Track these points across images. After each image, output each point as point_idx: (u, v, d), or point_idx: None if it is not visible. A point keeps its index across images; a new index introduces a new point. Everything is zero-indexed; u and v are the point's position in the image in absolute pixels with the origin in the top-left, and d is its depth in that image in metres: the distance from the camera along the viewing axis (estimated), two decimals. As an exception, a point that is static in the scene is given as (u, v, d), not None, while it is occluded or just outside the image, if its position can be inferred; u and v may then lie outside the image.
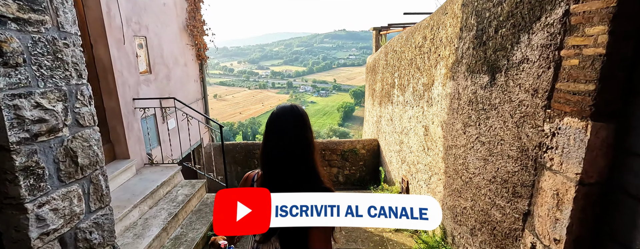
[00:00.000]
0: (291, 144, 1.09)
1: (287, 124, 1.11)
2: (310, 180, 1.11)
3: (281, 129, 1.11)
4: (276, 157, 1.10)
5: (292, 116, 1.12)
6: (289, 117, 1.12)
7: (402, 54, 4.41)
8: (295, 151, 1.09)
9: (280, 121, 1.12)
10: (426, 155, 3.60)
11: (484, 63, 2.21)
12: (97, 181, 1.75)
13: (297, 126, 1.11)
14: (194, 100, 5.47)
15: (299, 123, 1.12)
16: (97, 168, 1.75)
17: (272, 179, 1.11)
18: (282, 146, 1.09)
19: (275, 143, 1.11)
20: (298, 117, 1.13)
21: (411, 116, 4.12)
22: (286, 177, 1.09)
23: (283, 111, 1.14)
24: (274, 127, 1.13)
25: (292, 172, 1.09)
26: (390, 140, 5.23)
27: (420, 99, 3.74)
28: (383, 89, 5.59)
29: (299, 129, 1.11)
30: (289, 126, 1.11)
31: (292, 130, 1.10)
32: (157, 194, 3.27)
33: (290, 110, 1.14)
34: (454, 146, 2.79)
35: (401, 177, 4.63)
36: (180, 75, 4.91)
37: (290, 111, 1.13)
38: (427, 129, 3.55)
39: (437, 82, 3.18)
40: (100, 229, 1.81)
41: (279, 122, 1.12)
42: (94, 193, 1.73)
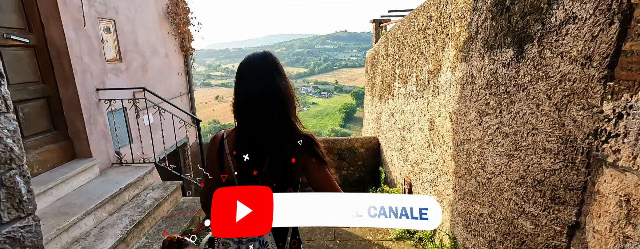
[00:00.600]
0: (264, 94, 1.01)
1: (259, 72, 1.03)
2: (287, 132, 1.04)
3: (252, 78, 1.03)
4: (249, 109, 1.02)
5: (264, 63, 1.04)
6: (260, 65, 1.04)
7: (403, 41, 3.95)
8: (270, 102, 1.01)
9: (251, 69, 1.04)
10: (432, 152, 3.14)
11: (508, 34, 1.76)
12: (12, 184, 1.31)
13: (269, 74, 1.02)
14: (178, 94, 5.03)
15: (271, 70, 1.03)
16: (11, 167, 1.32)
17: (246, 133, 1.04)
18: (255, 97, 1.01)
19: (247, 94, 1.03)
20: (270, 64, 1.04)
21: (414, 109, 3.66)
22: (261, 130, 1.02)
23: (253, 58, 1.06)
24: (245, 76, 1.04)
25: (267, 125, 1.01)
26: (391, 137, 4.77)
27: (424, 89, 3.28)
28: (383, 82, 5.13)
29: (272, 78, 1.02)
30: (260, 75, 1.02)
31: (265, 79, 1.02)
32: (120, 199, 2.82)
33: (261, 57, 1.05)
34: (466, 140, 2.33)
35: (403, 178, 4.17)
36: (160, 66, 4.47)
37: (262, 58, 1.05)
38: (432, 123, 3.09)
39: (445, 67, 2.72)
40: (18, 245, 1.37)
41: (250, 71, 1.04)
42: (6, 199, 1.30)
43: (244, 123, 1.04)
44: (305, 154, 1.03)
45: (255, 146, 1.01)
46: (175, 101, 4.97)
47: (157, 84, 4.33)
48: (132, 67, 3.76)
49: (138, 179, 3.08)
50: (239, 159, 1.01)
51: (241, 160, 1.00)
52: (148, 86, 4.11)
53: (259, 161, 1.00)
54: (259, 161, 1.00)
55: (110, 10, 3.36)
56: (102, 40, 3.25)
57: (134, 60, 3.80)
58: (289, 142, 1.01)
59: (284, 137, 1.02)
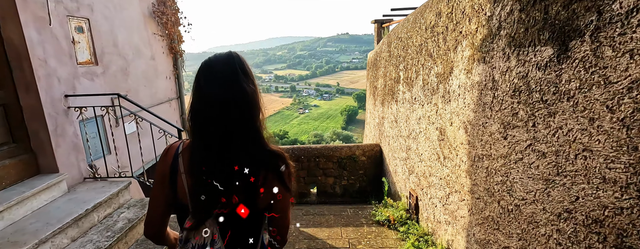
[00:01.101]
0: (226, 98, 0.84)
1: (221, 72, 0.86)
2: (252, 146, 0.88)
3: (213, 78, 0.86)
4: (207, 117, 0.85)
5: (228, 63, 0.88)
6: (223, 65, 0.87)
7: (408, 41, 3.60)
8: (232, 107, 0.84)
9: (211, 69, 0.87)
10: (442, 166, 2.77)
11: (544, 28, 1.40)
12: None
13: (233, 75, 0.86)
14: (166, 99, 4.70)
15: (236, 70, 0.87)
16: None
17: (203, 147, 0.86)
18: (215, 100, 0.84)
19: (205, 97, 0.86)
20: (236, 64, 0.88)
21: (421, 116, 3.30)
22: (221, 143, 0.84)
23: (215, 57, 0.90)
24: (204, 76, 0.87)
25: (228, 136, 0.85)
26: (394, 145, 4.41)
27: (432, 93, 2.93)
28: (386, 85, 4.78)
29: (236, 79, 0.86)
30: (223, 75, 0.86)
31: (228, 79, 0.85)
32: (87, 221, 2.47)
33: (225, 57, 0.90)
34: (486, 156, 1.97)
35: (408, 190, 3.80)
36: (145, 69, 4.14)
37: (225, 58, 0.89)
38: (442, 132, 2.73)
39: (458, 69, 2.36)
40: None
41: (210, 70, 0.87)
42: None
43: (201, 134, 0.88)
44: (270, 175, 0.89)
45: (214, 164, 0.85)
46: (162, 106, 4.64)
47: (140, 89, 4.00)
48: (111, 71, 3.43)
49: (110, 197, 2.73)
50: (195, 180, 0.86)
51: (197, 181, 0.85)
52: (130, 91, 3.78)
53: (218, 182, 0.85)
54: (218, 182, 0.85)
55: (83, 8, 3.04)
56: (73, 41, 2.92)
57: (113, 63, 3.47)
58: (253, 159, 0.87)
59: (249, 151, 0.87)
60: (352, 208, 4.61)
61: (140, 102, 3.98)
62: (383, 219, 3.81)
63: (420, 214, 3.47)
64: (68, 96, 2.80)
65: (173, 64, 4.97)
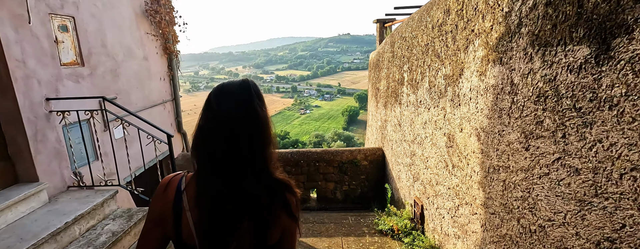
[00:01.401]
0: (239, 119, 0.79)
1: (235, 94, 0.81)
2: (260, 173, 0.81)
3: (225, 100, 0.81)
4: (217, 141, 0.79)
5: (242, 87, 0.83)
6: (237, 88, 0.82)
7: (413, 41, 3.41)
8: (245, 131, 0.79)
9: (224, 92, 0.82)
10: (451, 175, 2.58)
11: (578, 24, 1.20)
12: None
13: (247, 97, 0.81)
14: (160, 101, 4.51)
15: (250, 94, 0.82)
16: None
17: (211, 177, 0.79)
18: (227, 122, 0.78)
19: (215, 119, 0.80)
20: (251, 88, 0.83)
21: (427, 121, 3.11)
22: (231, 167, 0.78)
23: (229, 83, 0.85)
24: (216, 98, 0.82)
25: (239, 161, 0.78)
26: (398, 150, 4.21)
27: (440, 97, 2.73)
28: (389, 87, 4.58)
29: (250, 101, 0.81)
30: (236, 97, 0.81)
31: (241, 101, 0.80)
32: (66, 235, 2.29)
33: (239, 82, 0.84)
34: (503, 167, 1.77)
35: (413, 198, 3.60)
36: (137, 70, 3.96)
37: (240, 83, 0.84)
38: (451, 139, 2.53)
39: (469, 71, 2.17)
40: None
41: (223, 93, 0.82)
42: None
43: (209, 162, 0.80)
44: (278, 205, 0.84)
45: (228, 197, 0.78)
46: (157, 109, 4.46)
47: (132, 91, 3.81)
48: (99, 72, 3.25)
49: (94, 208, 2.54)
50: (204, 212, 0.79)
51: (207, 213, 0.78)
52: (120, 93, 3.60)
53: (234, 217, 0.79)
54: (234, 217, 0.79)
55: (67, 6, 2.85)
56: (56, 41, 2.73)
57: (102, 63, 3.29)
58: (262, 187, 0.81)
59: (257, 179, 0.81)
60: (354, 215, 4.41)
61: (132, 104, 3.81)
62: (386, 229, 3.61)
63: (426, 224, 3.27)
64: (50, 99, 2.62)
65: (168, 65, 4.79)
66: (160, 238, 0.86)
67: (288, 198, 0.85)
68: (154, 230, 0.85)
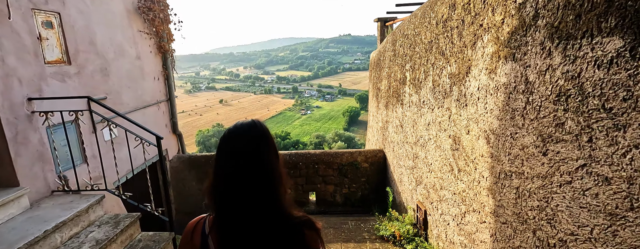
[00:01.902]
0: (249, 173, 0.82)
1: (246, 147, 0.84)
2: (276, 217, 0.84)
3: (238, 154, 0.84)
4: (233, 192, 0.83)
5: (252, 137, 0.85)
6: (247, 138, 0.85)
7: (416, 38, 3.26)
8: (258, 183, 0.82)
9: (236, 144, 0.85)
10: (457, 179, 2.42)
11: (608, 13, 1.05)
12: None
13: (255, 147, 0.84)
14: (154, 102, 4.37)
15: (258, 142, 0.85)
16: None
17: (230, 227, 0.84)
18: (237, 176, 0.82)
19: (226, 172, 0.84)
20: (259, 135, 0.86)
21: (430, 122, 2.96)
22: (247, 219, 0.82)
23: (239, 130, 0.87)
24: (228, 152, 0.85)
25: (254, 211, 0.82)
26: (400, 152, 4.06)
27: (445, 97, 2.58)
28: (390, 87, 4.44)
29: (258, 151, 0.84)
30: (245, 147, 0.84)
31: (251, 152, 0.83)
32: (46, 244, 2.14)
33: (249, 128, 0.87)
34: (515, 173, 1.62)
35: (416, 203, 3.45)
36: (129, 70, 3.82)
37: (250, 130, 0.86)
38: (457, 141, 2.38)
39: (477, 69, 2.02)
40: None
41: (235, 146, 0.85)
42: None
43: (226, 211, 0.85)
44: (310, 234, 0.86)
45: (248, 241, 0.82)
46: (150, 109, 4.32)
47: (123, 91, 3.67)
48: (87, 71, 3.10)
49: (78, 214, 2.40)
50: None
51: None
52: (111, 93, 3.46)
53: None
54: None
55: (52, 1, 2.71)
56: (40, 38, 2.59)
57: (90, 62, 3.15)
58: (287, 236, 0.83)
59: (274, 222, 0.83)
60: (354, 219, 4.26)
61: (123, 105, 3.67)
62: (388, 235, 3.46)
63: (429, 230, 3.12)
64: (32, 99, 2.48)
65: (162, 64, 4.65)
66: None
67: (307, 234, 0.85)
68: None
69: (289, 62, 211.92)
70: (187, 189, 4.96)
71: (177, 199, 4.98)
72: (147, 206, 2.76)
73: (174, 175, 4.90)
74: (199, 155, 5.00)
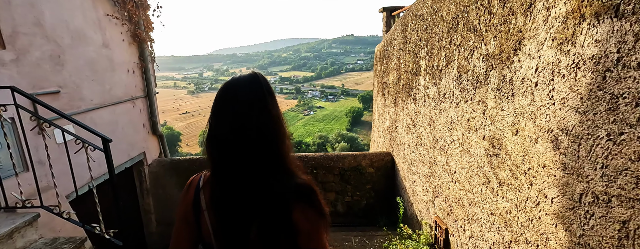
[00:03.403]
0: (251, 122, 0.75)
1: (246, 93, 0.78)
2: (279, 175, 0.78)
3: (236, 100, 0.77)
4: (229, 144, 0.76)
5: (253, 84, 0.79)
6: (247, 86, 0.79)
7: (434, 16, 2.65)
8: (258, 133, 0.76)
9: (234, 93, 0.78)
10: (496, 195, 1.81)
11: None
12: None
13: (259, 96, 0.78)
14: (127, 97, 3.80)
15: (262, 92, 0.78)
16: None
17: (224, 179, 0.78)
18: (239, 125, 0.75)
19: (227, 121, 0.77)
20: (262, 85, 0.79)
21: (454, 119, 2.35)
22: (245, 174, 0.76)
23: (239, 78, 0.81)
24: (226, 98, 0.79)
25: (254, 166, 0.76)
26: (412, 156, 3.45)
27: (476, 86, 1.97)
28: (400, 80, 3.83)
29: (263, 101, 0.78)
30: (248, 97, 0.77)
31: (254, 101, 0.77)
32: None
33: (249, 78, 0.80)
34: (619, 198, 1.01)
35: (433, 218, 2.84)
36: (93, 59, 3.25)
37: (250, 79, 0.80)
38: (496, 144, 1.77)
39: (535, 42, 1.41)
40: None
41: (234, 92, 0.78)
42: None
43: (222, 165, 0.79)
44: (300, 207, 0.77)
45: (239, 199, 0.77)
46: (122, 107, 3.74)
47: (84, 84, 3.10)
48: (31, 58, 2.53)
49: None
50: (219, 218, 0.79)
51: (222, 220, 0.78)
52: (67, 86, 2.89)
53: (245, 220, 0.76)
54: (245, 220, 0.76)
55: (-25, -33, 2.15)
56: (-45, 12, 2.02)
57: (35, 47, 2.58)
58: (284, 191, 0.76)
59: (277, 184, 0.76)
60: (358, 234, 3.65)
61: (84, 100, 3.10)
62: (399, 257, 2.85)
63: (452, 255, 2.51)
64: (-60, 90, 1.91)
65: (139, 55, 4.07)
66: (189, 237, 0.85)
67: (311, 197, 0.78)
68: (183, 230, 0.85)
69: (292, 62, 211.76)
70: (169, 197, 4.38)
71: (157, 208, 4.41)
72: (96, 227, 2.17)
73: (154, 181, 4.32)
74: (183, 159, 4.42)
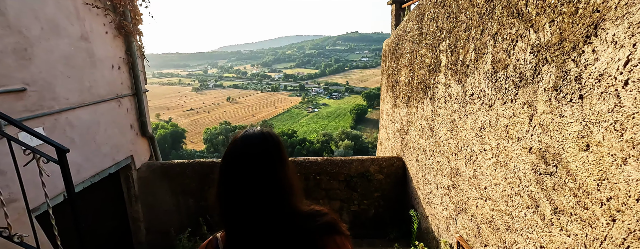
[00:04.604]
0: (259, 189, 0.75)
1: (257, 162, 0.76)
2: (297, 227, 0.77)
3: (248, 169, 0.75)
4: (244, 211, 0.76)
5: (263, 150, 0.77)
6: (258, 152, 0.77)
7: (461, 2, 2.24)
8: (271, 200, 0.76)
9: (246, 158, 0.76)
10: (547, 225, 1.41)
11: None
12: None
13: (268, 164, 0.76)
14: (111, 96, 3.44)
15: (271, 158, 0.77)
16: None
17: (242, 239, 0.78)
18: (246, 193, 0.75)
19: (240, 191, 0.76)
20: (271, 152, 0.78)
21: (485, 124, 1.95)
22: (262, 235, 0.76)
23: (249, 141, 0.78)
24: (237, 167, 0.76)
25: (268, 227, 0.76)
26: (428, 163, 3.06)
27: (519, 85, 1.57)
28: (413, 77, 3.42)
29: (271, 168, 0.76)
30: (259, 168, 0.75)
31: (262, 170, 0.76)
32: None
33: (259, 139, 0.79)
34: None
35: (455, 238, 2.45)
36: (69, 54, 2.89)
37: (260, 141, 0.78)
38: (549, 160, 1.38)
39: (625, 24, 1.00)
40: None
41: (245, 160, 0.76)
42: None
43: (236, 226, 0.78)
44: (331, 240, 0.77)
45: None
46: (106, 106, 3.39)
47: (58, 81, 2.74)
48: (-12, 51, 2.18)
49: None
50: None
51: None
52: (36, 83, 2.54)
53: None
54: None
55: None
56: None
57: (-5, 38, 2.22)
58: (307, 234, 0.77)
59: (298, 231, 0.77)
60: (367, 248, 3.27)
61: (58, 100, 2.74)
62: (415, 283, 2.47)
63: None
64: None
65: (126, 50, 3.71)
66: None
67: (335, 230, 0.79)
68: None
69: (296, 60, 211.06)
70: (160, 204, 4.04)
71: (147, 216, 4.07)
72: None
73: (143, 187, 3.98)
74: (174, 162, 4.06)
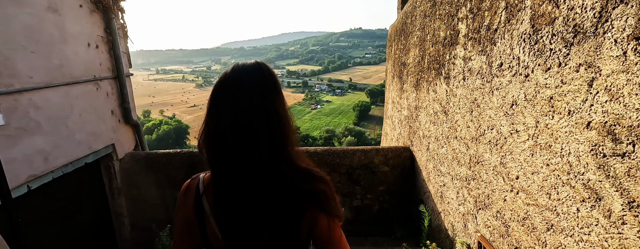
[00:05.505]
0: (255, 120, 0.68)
1: (253, 91, 0.69)
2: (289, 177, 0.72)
3: (239, 95, 0.69)
4: (230, 144, 0.69)
5: (257, 76, 0.71)
6: (254, 82, 0.70)
7: (486, -47, 1.85)
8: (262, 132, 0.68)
9: (238, 84, 0.70)
10: (613, 225, 1.04)
11: None
12: None
13: (265, 91, 0.70)
14: (87, 78, 3.09)
15: (267, 85, 0.71)
16: None
17: (227, 184, 0.72)
18: (242, 124, 0.68)
19: (229, 119, 0.68)
20: (266, 78, 0.72)
21: (519, 100, 1.57)
22: (251, 178, 0.70)
23: (243, 70, 0.72)
24: (227, 93, 0.70)
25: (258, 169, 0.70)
26: (440, 152, 2.68)
27: (572, 43, 1.19)
28: (424, 55, 3.04)
29: (268, 96, 0.70)
30: (252, 91, 0.69)
31: (259, 97, 0.69)
32: None
33: (252, 70, 0.72)
34: None
35: (476, 239, 2.08)
36: (33, 26, 2.54)
37: (255, 71, 0.72)
38: (621, 136, 1.00)
39: None
40: None
41: (236, 86, 0.70)
42: None
43: (223, 168, 0.71)
44: (313, 214, 0.75)
45: (247, 207, 0.71)
46: (80, 88, 3.04)
47: (18, 55, 2.40)
48: None
49: None
50: (227, 229, 0.74)
51: (230, 230, 0.73)
52: (-11, 56, 2.19)
53: (255, 230, 0.72)
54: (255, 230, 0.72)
55: None
56: None
57: None
58: (294, 195, 0.73)
59: (286, 187, 0.72)
60: (370, 248, 2.92)
61: (19, 77, 2.40)
62: (427, 289, 2.11)
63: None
64: None
65: (104, 28, 3.36)
66: (193, 245, 0.80)
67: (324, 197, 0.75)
68: (186, 239, 0.80)
69: (299, 56, 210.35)
70: (145, 197, 3.71)
71: (131, 211, 3.74)
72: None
73: (127, 179, 3.65)
74: (160, 153, 3.73)
